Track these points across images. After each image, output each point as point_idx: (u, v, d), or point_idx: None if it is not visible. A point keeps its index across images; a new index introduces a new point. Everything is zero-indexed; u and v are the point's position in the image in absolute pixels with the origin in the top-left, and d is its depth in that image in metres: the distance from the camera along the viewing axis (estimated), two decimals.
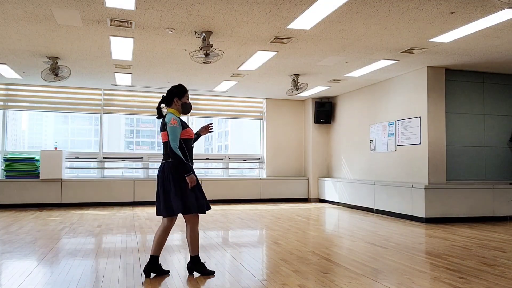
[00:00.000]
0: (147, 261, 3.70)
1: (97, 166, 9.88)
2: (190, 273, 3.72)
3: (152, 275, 3.66)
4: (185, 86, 3.80)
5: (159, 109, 3.74)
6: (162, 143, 3.72)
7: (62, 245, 5.00)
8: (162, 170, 3.65)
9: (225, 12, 4.83)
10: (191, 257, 3.73)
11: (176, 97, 3.71)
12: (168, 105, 3.73)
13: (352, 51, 6.43)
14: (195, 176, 3.65)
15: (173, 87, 3.76)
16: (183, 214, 3.63)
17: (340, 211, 8.80)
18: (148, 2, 4.55)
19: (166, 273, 3.74)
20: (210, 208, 3.80)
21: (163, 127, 3.65)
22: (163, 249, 3.92)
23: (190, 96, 3.85)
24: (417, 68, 7.54)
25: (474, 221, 7.20)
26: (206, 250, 4.75)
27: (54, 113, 10.47)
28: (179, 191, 3.57)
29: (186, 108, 3.74)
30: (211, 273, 3.71)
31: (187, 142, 3.69)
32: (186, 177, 3.56)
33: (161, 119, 3.74)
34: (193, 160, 3.81)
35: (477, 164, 7.77)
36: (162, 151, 3.74)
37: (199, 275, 3.69)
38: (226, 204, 10.03)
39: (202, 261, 3.80)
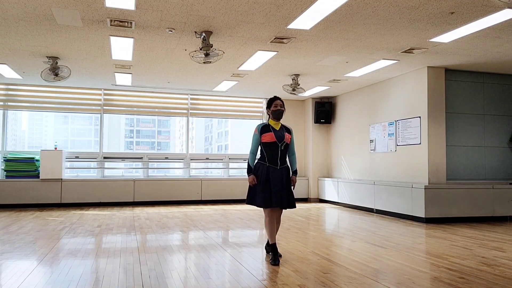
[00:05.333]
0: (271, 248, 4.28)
1: (97, 166, 9.88)
2: (267, 252, 4.39)
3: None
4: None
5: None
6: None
7: (62, 245, 5.00)
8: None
9: (225, 12, 4.83)
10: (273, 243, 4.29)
11: (267, 108, 4.49)
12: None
13: (352, 51, 6.44)
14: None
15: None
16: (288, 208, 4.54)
17: (340, 211, 8.80)
18: (148, 2, 4.55)
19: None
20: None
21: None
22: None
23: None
24: (417, 68, 7.54)
25: (474, 221, 7.20)
26: (206, 250, 4.76)
27: (54, 113, 10.47)
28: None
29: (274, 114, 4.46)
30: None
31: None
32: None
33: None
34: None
35: (477, 164, 7.77)
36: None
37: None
38: (226, 204, 10.04)
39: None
